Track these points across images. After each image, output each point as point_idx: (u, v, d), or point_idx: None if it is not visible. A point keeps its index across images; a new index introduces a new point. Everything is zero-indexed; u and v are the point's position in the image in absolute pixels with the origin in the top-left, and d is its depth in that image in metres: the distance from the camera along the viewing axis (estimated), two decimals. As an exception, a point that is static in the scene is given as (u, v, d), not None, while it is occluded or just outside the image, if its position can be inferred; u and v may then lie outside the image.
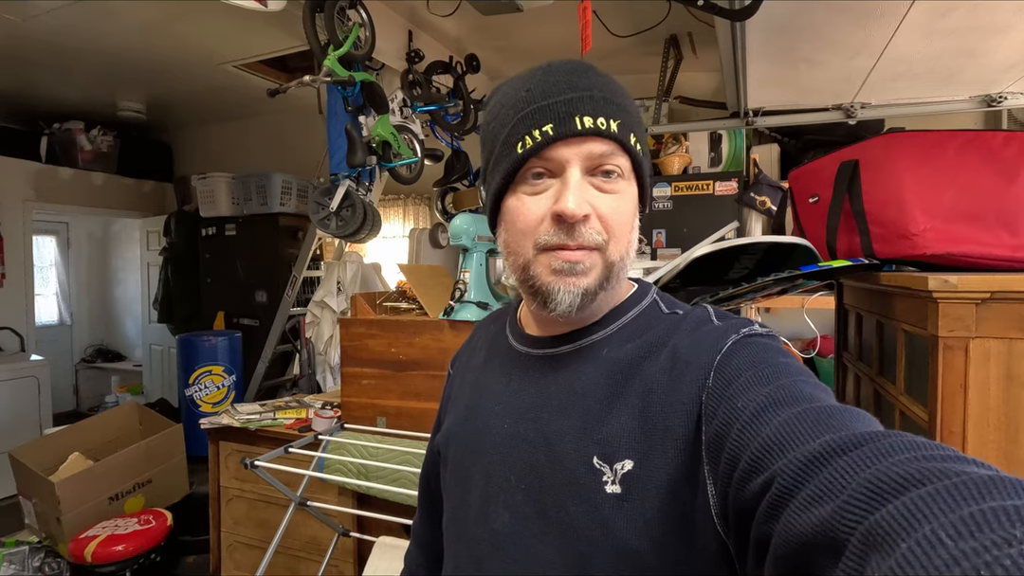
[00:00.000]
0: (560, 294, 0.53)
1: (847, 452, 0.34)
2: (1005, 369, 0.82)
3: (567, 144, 0.52)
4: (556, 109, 0.52)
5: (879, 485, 0.29)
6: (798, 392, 0.42)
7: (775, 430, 0.39)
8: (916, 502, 0.26)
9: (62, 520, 2.27)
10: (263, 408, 2.12)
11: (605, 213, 0.53)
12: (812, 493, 0.32)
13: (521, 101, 0.54)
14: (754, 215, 2.60)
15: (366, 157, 2.23)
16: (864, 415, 0.39)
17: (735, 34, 1.66)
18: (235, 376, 3.58)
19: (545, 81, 0.54)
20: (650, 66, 2.90)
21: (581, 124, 0.51)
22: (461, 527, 0.61)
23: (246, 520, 2.03)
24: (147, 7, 2.59)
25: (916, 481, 0.28)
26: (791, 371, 0.46)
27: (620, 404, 0.52)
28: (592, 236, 0.52)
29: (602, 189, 0.53)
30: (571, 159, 0.52)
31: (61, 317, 5.51)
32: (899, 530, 0.25)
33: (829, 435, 0.36)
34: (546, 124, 0.52)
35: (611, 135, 0.52)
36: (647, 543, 0.47)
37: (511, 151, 0.54)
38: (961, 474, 0.27)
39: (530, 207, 0.54)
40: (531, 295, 0.56)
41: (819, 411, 0.39)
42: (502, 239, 0.58)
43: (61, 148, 4.22)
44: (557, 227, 0.52)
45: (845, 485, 0.31)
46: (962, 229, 0.99)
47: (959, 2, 1.41)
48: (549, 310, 0.54)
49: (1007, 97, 2.13)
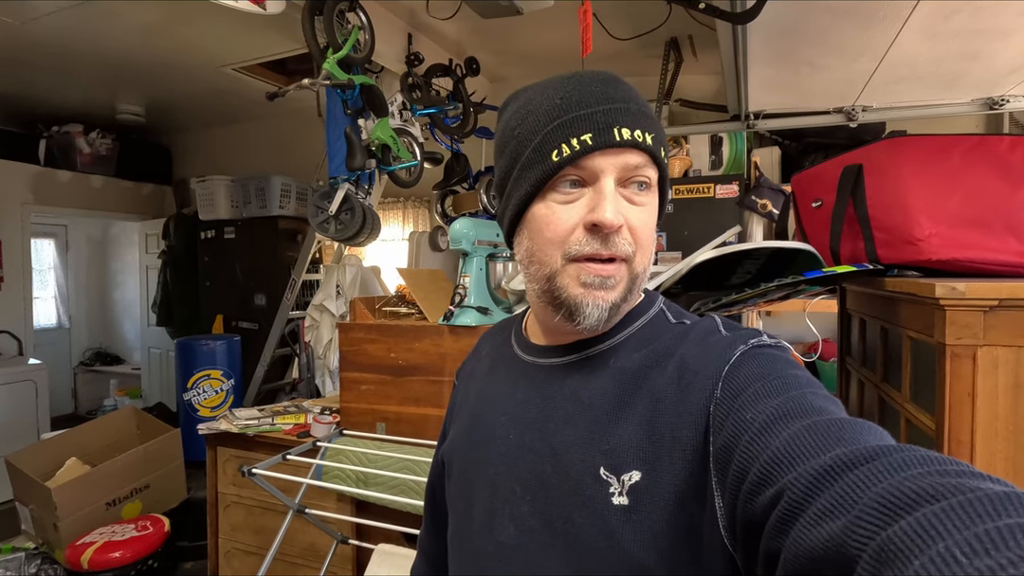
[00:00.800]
0: (589, 308, 0.52)
1: (858, 466, 0.33)
2: (1014, 378, 0.81)
3: (604, 154, 0.52)
4: (595, 119, 0.51)
5: (891, 500, 0.28)
6: (807, 404, 0.42)
7: (784, 443, 0.38)
8: (930, 518, 0.25)
9: (59, 526, 2.26)
10: (261, 413, 2.11)
11: (635, 225, 0.53)
12: (823, 508, 0.32)
13: (556, 109, 0.53)
14: (755, 218, 2.59)
15: (365, 160, 2.22)
16: (875, 428, 0.38)
17: (736, 37, 1.65)
18: (234, 380, 3.56)
19: (580, 91, 0.53)
20: (650, 69, 2.89)
21: (620, 136, 0.51)
22: (466, 539, 0.60)
23: (244, 526, 2.02)
24: (147, 10, 2.58)
25: (930, 497, 0.27)
26: (800, 383, 0.45)
27: (627, 414, 0.51)
28: (624, 247, 0.52)
29: (632, 201, 0.53)
30: (607, 169, 0.52)
31: (60, 320, 5.50)
32: (912, 547, 0.25)
33: (840, 449, 0.35)
34: (585, 134, 0.51)
35: (647, 148, 0.52)
36: (655, 555, 0.46)
37: (545, 158, 0.53)
38: (976, 490, 0.26)
39: (561, 216, 0.53)
40: (555, 306, 0.55)
41: (829, 424, 0.38)
42: (524, 247, 0.57)
43: (60, 151, 4.21)
44: (591, 236, 0.52)
45: (856, 500, 0.30)
46: (968, 235, 0.98)
47: (963, 3, 1.39)
48: (575, 323, 0.53)
49: (1009, 100, 2.12)
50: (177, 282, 4.30)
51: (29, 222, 4.08)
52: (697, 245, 1.26)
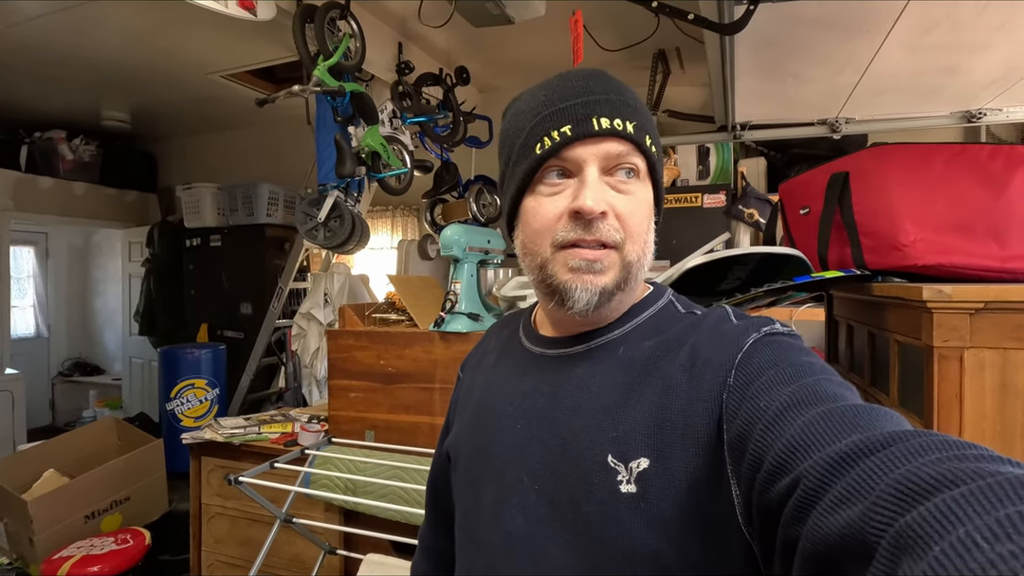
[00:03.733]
0: (577, 292, 0.53)
1: (875, 452, 0.32)
2: (1000, 379, 0.82)
3: (584, 144, 0.53)
4: (574, 111, 0.53)
5: (910, 486, 0.28)
6: (822, 391, 0.42)
7: (799, 430, 0.38)
8: (949, 503, 0.25)
9: (35, 540, 2.19)
10: (248, 422, 2.07)
11: (622, 212, 0.53)
12: (840, 494, 0.31)
13: (539, 105, 0.55)
14: (742, 227, 2.62)
15: (355, 167, 2.21)
16: (892, 414, 0.38)
17: (724, 48, 1.67)
18: (218, 389, 3.51)
19: (562, 86, 0.56)
20: (639, 80, 2.92)
21: (598, 124, 0.53)
22: (474, 530, 0.59)
23: (228, 538, 1.97)
24: (134, 16, 2.56)
25: (949, 482, 0.27)
26: (814, 369, 0.45)
27: (636, 402, 0.51)
28: (610, 233, 0.53)
29: (619, 189, 0.54)
30: (588, 159, 0.53)
31: (38, 330, 5.38)
32: (932, 533, 0.24)
33: (856, 435, 0.35)
34: (564, 125, 0.53)
35: (627, 135, 0.53)
36: (665, 543, 0.46)
37: (530, 153, 0.55)
38: (996, 474, 0.26)
39: (548, 206, 0.55)
40: (548, 294, 0.56)
41: (844, 410, 0.38)
42: (519, 240, 0.59)
43: (41, 157, 4.14)
44: (575, 223, 0.53)
45: (874, 486, 0.30)
46: (952, 240, 1.00)
47: (942, 19, 1.44)
48: (567, 308, 0.54)
49: (986, 113, 2.18)
50: (161, 290, 4.23)
51: (8, 229, 3.99)
52: (685, 254, 1.27)
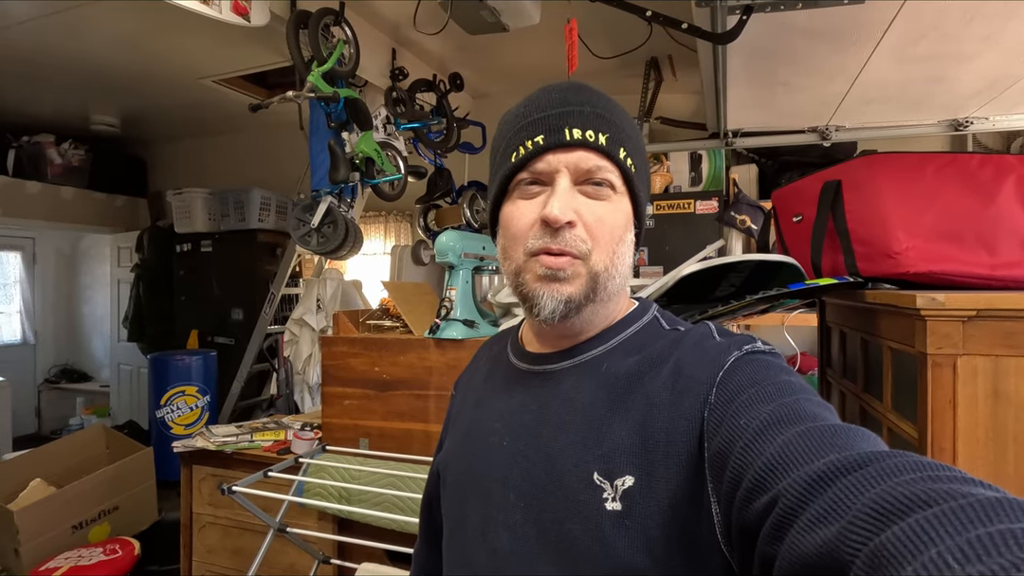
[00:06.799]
0: (544, 299, 0.54)
1: (851, 472, 0.33)
2: (992, 386, 0.83)
3: (555, 153, 0.55)
4: (548, 121, 0.55)
5: (884, 506, 0.29)
6: (801, 410, 0.42)
7: (778, 449, 0.38)
8: (922, 524, 0.26)
9: (21, 551, 2.15)
10: (239, 430, 2.05)
11: (589, 221, 0.54)
12: (816, 514, 0.32)
13: (519, 116, 0.58)
14: (735, 234, 2.64)
15: (349, 173, 2.21)
16: (868, 434, 0.39)
17: (717, 57, 1.69)
18: (209, 396, 3.47)
19: (541, 97, 0.58)
20: (631, 87, 2.94)
21: (570, 135, 0.54)
22: (460, 548, 0.59)
23: (220, 548, 1.95)
24: (125, 20, 2.55)
25: (922, 502, 0.27)
26: (794, 389, 0.46)
27: (620, 419, 0.51)
28: (576, 244, 0.54)
29: (590, 196, 0.55)
30: (560, 168, 0.55)
31: (24, 336, 5.30)
32: (905, 552, 0.25)
33: (833, 455, 0.35)
34: (538, 135, 0.55)
35: (598, 147, 0.54)
36: (649, 561, 0.46)
37: (507, 161, 0.57)
38: (968, 496, 0.27)
39: (523, 212, 0.56)
40: (522, 300, 0.58)
41: (823, 430, 0.39)
42: (500, 246, 0.60)
43: (29, 161, 4.09)
44: (543, 231, 0.54)
45: (849, 506, 0.31)
46: (943, 248, 1.01)
47: (930, 29, 1.46)
48: (535, 315, 0.56)
49: (973, 122, 2.21)
50: (150, 296, 4.19)
51: (-6, 234, 3.95)
52: (678, 260, 1.28)
